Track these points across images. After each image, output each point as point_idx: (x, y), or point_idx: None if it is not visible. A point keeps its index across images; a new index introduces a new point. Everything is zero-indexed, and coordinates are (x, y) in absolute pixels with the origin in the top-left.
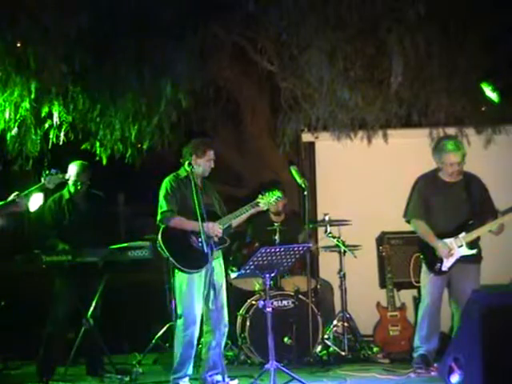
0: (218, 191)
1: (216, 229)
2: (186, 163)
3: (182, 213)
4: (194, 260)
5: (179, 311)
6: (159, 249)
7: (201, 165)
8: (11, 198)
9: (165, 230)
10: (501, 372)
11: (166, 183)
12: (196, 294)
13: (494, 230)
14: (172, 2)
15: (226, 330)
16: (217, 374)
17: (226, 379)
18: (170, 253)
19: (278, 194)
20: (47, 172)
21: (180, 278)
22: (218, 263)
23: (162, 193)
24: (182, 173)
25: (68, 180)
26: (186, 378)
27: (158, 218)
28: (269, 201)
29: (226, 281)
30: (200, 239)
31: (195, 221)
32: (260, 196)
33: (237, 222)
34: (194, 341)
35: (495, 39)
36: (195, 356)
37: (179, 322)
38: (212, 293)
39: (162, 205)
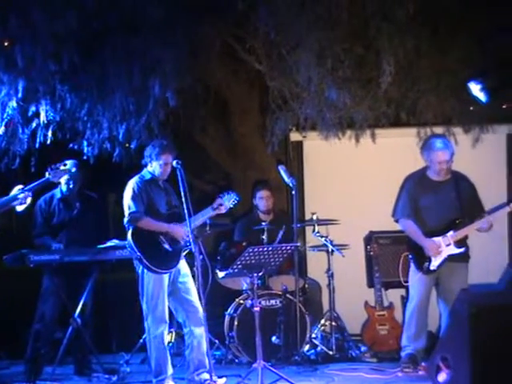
0: (189, 184)
1: (184, 231)
2: (149, 165)
3: (147, 214)
4: (164, 261)
5: (146, 311)
6: (129, 249)
7: (155, 167)
8: (14, 192)
9: (134, 230)
10: (489, 371)
11: (132, 184)
12: (162, 294)
13: (483, 228)
14: (161, 1)
15: (204, 328)
16: (203, 372)
17: (214, 378)
18: (141, 253)
19: (234, 196)
20: (52, 166)
21: (147, 279)
22: (184, 264)
23: (128, 194)
24: (147, 175)
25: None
26: (170, 379)
27: (126, 218)
28: (227, 204)
29: (214, 280)
30: (186, 238)
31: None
32: (219, 199)
33: (197, 225)
34: (164, 340)
35: (484, 39)
36: (178, 355)
37: (148, 323)
38: (186, 292)
39: (131, 205)
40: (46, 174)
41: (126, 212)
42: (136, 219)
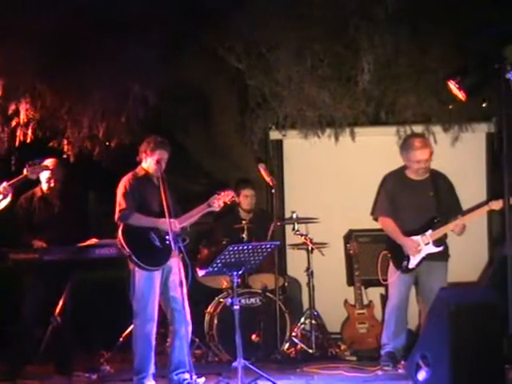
0: (173, 184)
1: (175, 225)
2: (143, 161)
3: (140, 211)
4: (154, 258)
5: (135, 309)
6: (120, 246)
7: (149, 163)
8: None
9: (124, 227)
10: (468, 369)
11: (124, 181)
12: (153, 292)
13: (456, 231)
14: (141, 0)
15: (190, 328)
16: (183, 372)
17: (194, 377)
18: (131, 250)
19: (232, 193)
20: (30, 162)
21: (138, 276)
22: (177, 262)
23: (120, 191)
24: (140, 171)
25: (40, 177)
26: (151, 377)
27: (117, 215)
28: (225, 200)
29: (194, 278)
30: (167, 237)
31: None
32: (216, 196)
33: (191, 222)
34: (151, 338)
35: (463, 38)
36: (159, 354)
37: (136, 320)
38: (174, 291)
39: (121, 202)
40: (24, 171)
41: (117, 209)
42: (126, 216)
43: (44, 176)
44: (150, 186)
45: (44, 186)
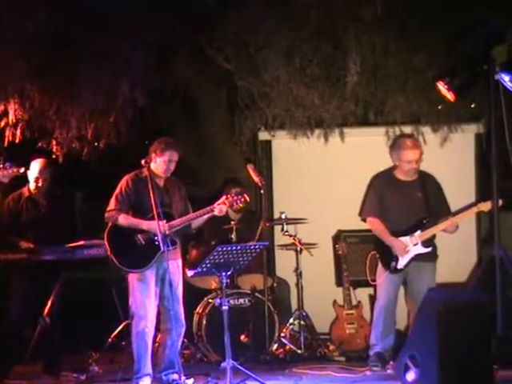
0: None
1: (163, 228)
2: (143, 161)
3: (137, 211)
4: (137, 259)
5: (130, 308)
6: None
7: (158, 163)
8: None
9: (111, 227)
10: (456, 369)
11: (123, 181)
12: (147, 291)
13: (448, 230)
14: (129, 1)
15: (183, 329)
16: (173, 373)
17: (182, 378)
18: (111, 250)
19: (243, 196)
20: (0, 165)
21: (132, 276)
22: (175, 263)
23: (116, 190)
24: (144, 172)
25: (28, 176)
26: (147, 378)
27: (105, 215)
28: (238, 204)
29: (183, 279)
30: (155, 237)
31: (147, 219)
32: (224, 198)
33: (196, 224)
34: (146, 337)
35: (451, 39)
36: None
37: (131, 319)
38: (168, 291)
39: (111, 203)
40: None
41: (107, 209)
42: (111, 217)
43: (32, 176)
44: (153, 187)
45: (31, 186)
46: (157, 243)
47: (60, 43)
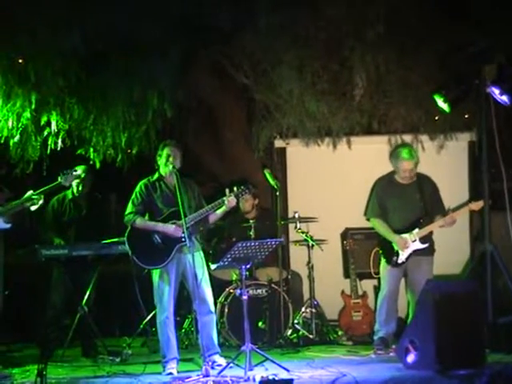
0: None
1: (173, 230)
2: (160, 167)
3: (151, 214)
4: (154, 257)
5: (155, 300)
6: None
7: (162, 164)
8: (27, 195)
9: (130, 230)
10: (451, 352)
11: (137, 187)
12: (167, 285)
13: (446, 224)
14: (158, 21)
15: (213, 316)
16: (213, 354)
17: (219, 359)
18: (131, 250)
19: (242, 187)
20: (64, 171)
21: (154, 271)
22: (198, 256)
23: (132, 196)
24: (154, 176)
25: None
26: (173, 361)
27: (124, 219)
28: (236, 194)
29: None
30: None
31: (162, 221)
32: (227, 192)
33: (214, 219)
34: (168, 325)
35: (445, 56)
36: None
37: (156, 310)
38: (193, 283)
39: (128, 207)
40: (59, 179)
41: (125, 213)
42: (128, 220)
43: (74, 181)
44: (163, 188)
45: (74, 190)
46: (174, 240)
47: (94, 61)
